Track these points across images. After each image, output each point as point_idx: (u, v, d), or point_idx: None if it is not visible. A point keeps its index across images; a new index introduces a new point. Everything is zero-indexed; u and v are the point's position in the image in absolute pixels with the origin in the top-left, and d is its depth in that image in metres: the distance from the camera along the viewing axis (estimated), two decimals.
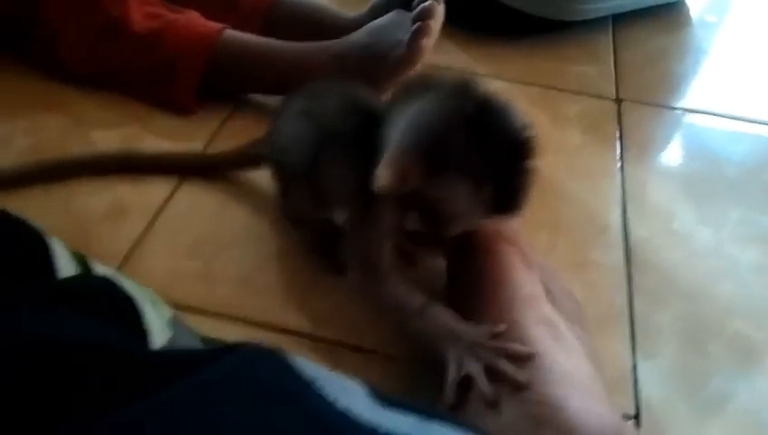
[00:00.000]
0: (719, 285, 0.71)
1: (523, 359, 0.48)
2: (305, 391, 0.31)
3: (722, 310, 0.68)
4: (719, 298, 0.69)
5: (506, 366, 0.48)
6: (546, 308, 0.55)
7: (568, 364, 0.50)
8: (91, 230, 0.69)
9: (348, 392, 0.32)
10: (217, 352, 0.33)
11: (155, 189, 0.75)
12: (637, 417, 0.58)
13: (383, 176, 0.50)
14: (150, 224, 0.70)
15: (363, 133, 0.56)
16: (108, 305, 0.43)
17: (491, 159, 0.50)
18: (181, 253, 0.67)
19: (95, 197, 0.73)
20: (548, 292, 0.57)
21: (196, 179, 0.76)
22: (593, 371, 0.52)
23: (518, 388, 0.47)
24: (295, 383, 0.31)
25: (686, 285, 0.71)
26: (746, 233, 0.77)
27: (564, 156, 0.86)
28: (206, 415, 0.28)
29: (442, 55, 1.00)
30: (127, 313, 0.43)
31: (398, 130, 0.52)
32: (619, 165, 0.86)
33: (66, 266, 0.46)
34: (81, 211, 0.71)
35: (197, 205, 0.74)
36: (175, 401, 0.29)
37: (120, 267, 0.65)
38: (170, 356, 0.38)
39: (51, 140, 0.80)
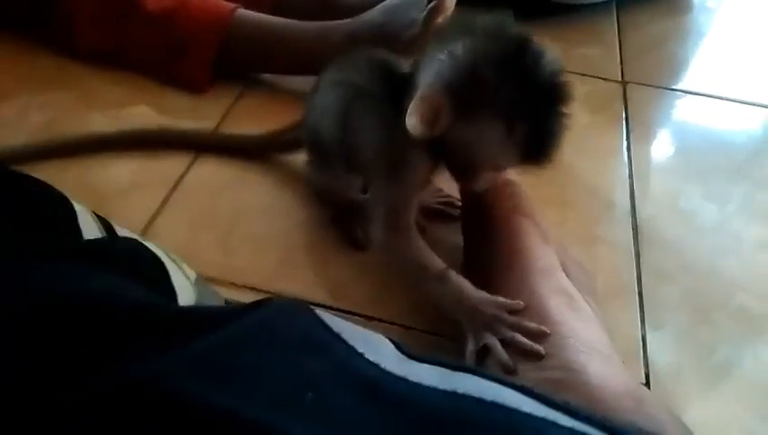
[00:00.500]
0: (724, 260, 0.73)
1: (538, 335, 0.50)
2: (335, 343, 0.32)
3: (727, 284, 0.70)
4: (724, 273, 0.71)
5: (522, 340, 0.49)
6: (563, 279, 0.57)
7: (585, 332, 0.51)
8: (109, 204, 0.70)
9: (375, 346, 0.32)
10: (247, 307, 0.34)
11: (171, 163, 0.76)
12: (647, 385, 0.60)
13: (413, 118, 0.49)
14: (167, 197, 0.72)
15: (392, 92, 0.55)
16: (136, 265, 0.44)
17: (525, 100, 0.49)
18: (199, 224, 0.69)
19: (112, 171, 0.74)
20: (562, 264, 0.59)
21: (210, 154, 0.78)
22: (608, 339, 0.54)
23: (536, 358, 0.49)
24: (324, 335, 0.32)
25: (691, 260, 0.73)
26: (750, 210, 0.79)
27: (572, 135, 0.86)
28: (238, 363, 0.28)
29: None
30: (154, 272, 0.44)
31: (430, 71, 0.51)
32: (625, 144, 0.87)
33: (91, 229, 0.48)
34: (98, 185, 0.72)
35: (213, 178, 0.75)
36: (207, 351, 0.29)
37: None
38: (200, 311, 0.39)
39: (65, 118, 0.81)
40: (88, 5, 0.83)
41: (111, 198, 0.71)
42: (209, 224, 0.69)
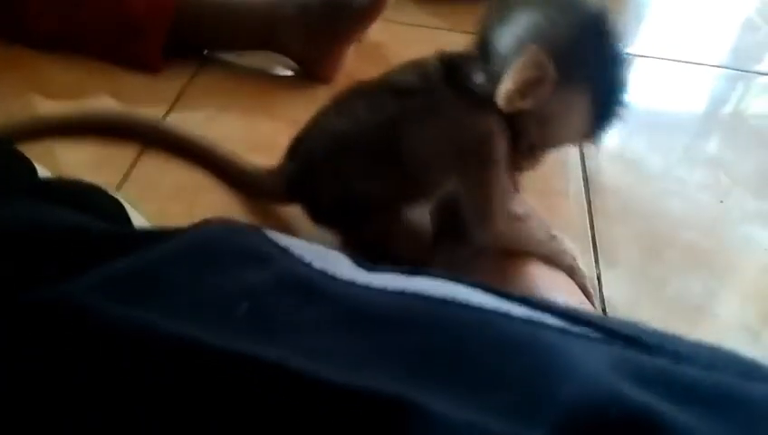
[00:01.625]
0: (670, 202, 0.77)
1: None
2: (279, 255, 0.30)
3: (674, 224, 0.74)
4: (671, 214, 0.75)
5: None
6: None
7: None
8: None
9: (326, 258, 0.31)
10: (190, 226, 0.33)
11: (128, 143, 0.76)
12: None
13: (511, 85, 0.47)
14: (127, 174, 0.72)
15: (446, 82, 0.51)
16: (97, 202, 0.44)
17: (608, 73, 0.49)
18: (164, 196, 0.69)
19: (73, 151, 0.74)
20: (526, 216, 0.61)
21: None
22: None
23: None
24: (269, 248, 0.31)
25: (640, 204, 0.76)
26: (692, 157, 0.83)
27: None
28: (163, 280, 0.27)
29: (401, 13, 1.04)
30: (114, 210, 0.45)
31: (525, 33, 0.49)
32: None
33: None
34: (60, 165, 0.72)
35: (171, 157, 0.75)
36: (131, 269, 0.28)
37: None
38: (136, 231, 0.38)
39: (15, 103, 0.80)
40: None
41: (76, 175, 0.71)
42: (174, 196, 0.69)
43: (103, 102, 0.81)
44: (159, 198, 0.69)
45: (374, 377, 0.21)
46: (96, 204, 0.42)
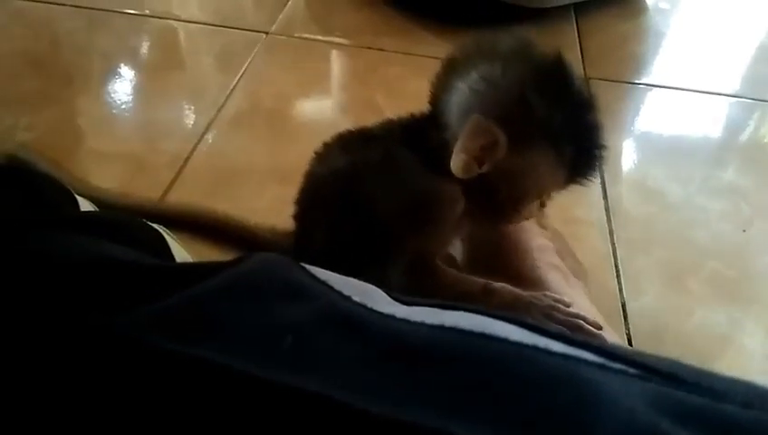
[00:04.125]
0: (692, 232, 0.77)
1: (593, 324, 0.49)
2: (319, 288, 0.31)
3: (697, 253, 0.74)
4: (694, 243, 0.76)
5: (588, 327, 0.49)
6: (556, 258, 0.60)
7: (582, 303, 0.54)
8: None
9: (363, 291, 0.32)
10: (230, 261, 0.33)
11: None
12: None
13: (461, 156, 0.45)
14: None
15: (404, 142, 0.51)
16: (137, 235, 0.45)
17: (568, 119, 0.46)
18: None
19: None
20: (558, 252, 0.62)
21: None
22: (597, 311, 0.57)
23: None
24: (308, 282, 0.31)
25: (663, 234, 0.77)
26: (712, 186, 0.84)
27: None
28: (211, 315, 0.28)
29: (418, 44, 1.06)
30: (154, 239, 0.46)
31: (466, 102, 0.47)
32: None
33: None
34: None
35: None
36: (181, 305, 0.28)
37: None
38: (181, 266, 0.38)
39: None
40: None
41: None
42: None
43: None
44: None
45: (418, 411, 0.22)
46: (139, 237, 0.43)
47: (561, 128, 0.46)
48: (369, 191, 0.51)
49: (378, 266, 0.49)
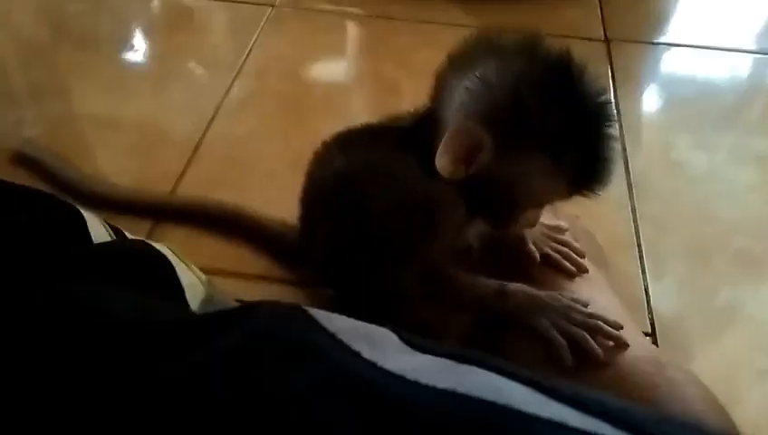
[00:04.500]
0: (718, 205, 0.74)
1: (612, 325, 0.47)
2: (328, 345, 0.30)
3: (723, 229, 0.72)
4: (720, 218, 0.73)
5: (608, 329, 0.47)
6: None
7: (600, 298, 0.52)
8: None
9: (374, 341, 0.30)
10: (234, 315, 0.32)
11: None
12: (652, 333, 0.62)
13: (445, 157, 0.43)
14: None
15: (402, 143, 0.48)
16: (144, 265, 0.44)
17: (572, 125, 0.42)
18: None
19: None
20: (573, 235, 0.60)
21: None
22: (619, 303, 0.55)
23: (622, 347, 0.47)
24: (317, 337, 0.30)
25: (687, 208, 0.74)
26: (740, 155, 0.81)
27: None
28: (218, 389, 0.27)
29: (433, 11, 1.02)
30: (161, 270, 0.45)
31: (458, 102, 0.45)
32: (613, 102, 0.88)
33: (100, 235, 0.48)
34: None
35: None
36: (205, 369, 0.28)
37: None
38: (184, 324, 0.36)
39: None
40: None
41: None
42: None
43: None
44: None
45: None
46: (145, 270, 0.42)
47: (559, 133, 0.42)
48: (367, 194, 0.49)
49: (386, 275, 0.48)
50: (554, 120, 0.42)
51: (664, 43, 1.01)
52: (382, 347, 0.30)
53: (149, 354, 0.28)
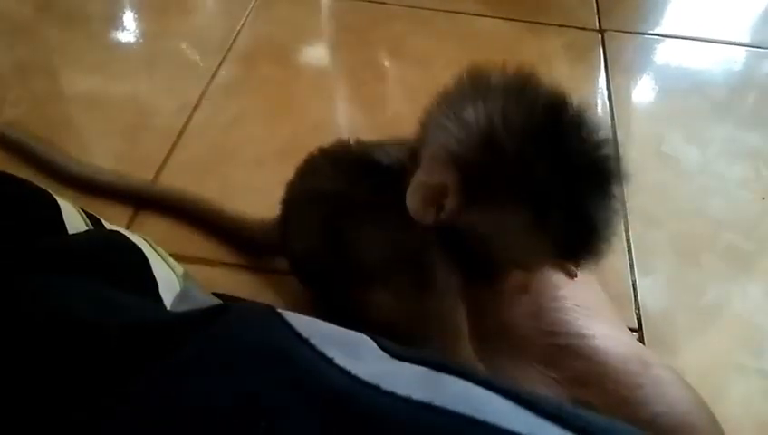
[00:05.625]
0: (709, 200, 0.74)
1: None
2: (300, 351, 0.29)
3: (713, 224, 0.71)
4: (710, 213, 0.72)
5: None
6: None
7: (585, 295, 0.51)
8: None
9: (349, 347, 0.30)
10: (205, 316, 0.31)
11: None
12: (639, 329, 0.61)
13: (413, 200, 0.40)
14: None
15: (385, 184, 0.44)
16: (117, 258, 0.43)
17: (560, 179, 0.36)
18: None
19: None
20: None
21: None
22: (606, 298, 0.54)
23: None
24: (289, 343, 0.29)
25: (677, 203, 0.74)
26: (732, 150, 0.80)
27: None
28: (188, 398, 0.26)
29: None
30: (136, 263, 0.44)
31: (433, 140, 0.41)
32: (606, 93, 0.87)
33: (76, 224, 0.47)
34: None
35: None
36: (157, 386, 0.27)
37: None
38: (151, 326, 0.34)
39: None
40: None
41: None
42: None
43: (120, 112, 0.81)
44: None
45: None
46: (120, 266, 0.41)
47: (542, 186, 0.37)
48: (352, 232, 0.46)
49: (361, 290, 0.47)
50: (537, 170, 0.37)
51: (658, 35, 1.00)
52: (357, 353, 0.29)
53: (108, 361, 0.27)
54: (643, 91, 0.91)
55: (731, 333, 0.62)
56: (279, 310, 0.31)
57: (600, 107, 0.85)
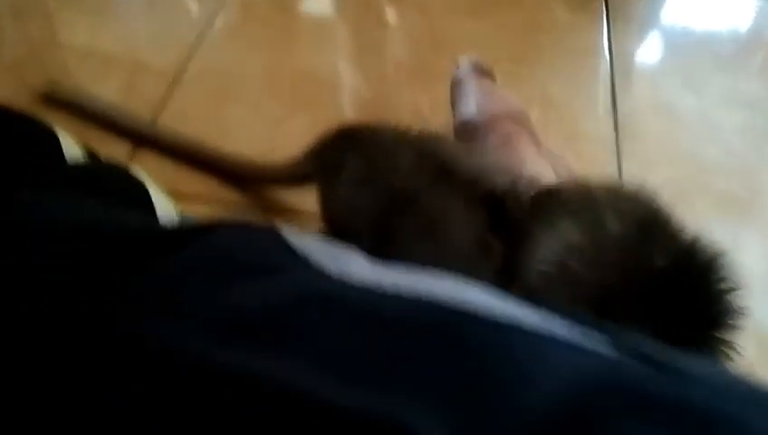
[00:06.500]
0: (704, 147, 0.74)
1: None
2: (295, 262, 0.30)
3: (707, 171, 0.71)
4: (704, 160, 0.73)
5: None
6: None
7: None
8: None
9: (341, 259, 0.31)
10: (207, 227, 0.32)
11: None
12: None
13: None
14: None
15: (443, 191, 0.43)
16: (117, 185, 0.44)
17: (674, 327, 0.34)
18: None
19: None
20: (553, 169, 0.60)
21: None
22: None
23: None
24: (285, 255, 0.31)
25: (672, 149, 0.74)
26: (730, 98, 0.80)
27: (554, 35, 0.87)
28: (189, 297, 0.28)
29: None
30: (134, 190, 0.45)
31: (542, 262, 0.38)
32: (606, 42, 0.87)
33: (74, 155, 0.48)
34: None
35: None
36: (161, 287, 0.28)
37: None
38: (155, 233, 0.36)
39: None
40: None
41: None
42: None
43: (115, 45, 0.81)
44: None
45: (371, 394, 0.21)
46: (122, 191, 0.42)
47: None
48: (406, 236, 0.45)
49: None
50: (650, 314, 0.35)
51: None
52: (348, 263, 0.30)
53: (111, 261, 0.28)
54: (644, 41, 0.90)
55: None
56: (277, 226, 0.32)
57: (600, 57, 0.85)
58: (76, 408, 0.23)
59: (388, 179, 0.46)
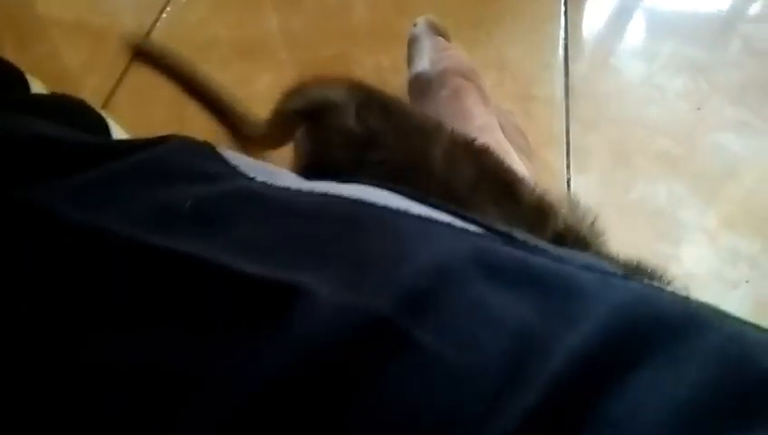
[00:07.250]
0: (647, 109, 0.78)
1: None
2: (226, 171, 0.33)
3: (648, 130, 0.76)
4: (647, 121, 0.77)
5: None
6: (500, 136, 0.62)
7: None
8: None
9: (271, 173, 0.34)
10: (149, 141, 0.35)
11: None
12: None
13: None
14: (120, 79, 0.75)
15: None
16: (79, 118, 0.47)
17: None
18: (155, 104, 0.72)
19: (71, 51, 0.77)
20: (501, 126, 0.64)
21: None
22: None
23: None
24: (219, 166, 0.34)
25: (617, 112, 0.78)
26: (676, 64, 0.84)
27: (512, 2, 0.91)
28: (120, 190, 0.30)
29: None
30: (96, 123, 0.48)
31: None
32: (563, 8, 0.90)
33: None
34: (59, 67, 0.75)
35: None
36: (93, 179, 0.31)
37: None
38: (118, 143, 0.39)
39: None
40: None
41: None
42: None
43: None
44: (152, 102, 0.72)
45: (280, 264, 0.25)
46: (80, 119, 0.44)
47: None
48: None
49: None
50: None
51: None
52: (278, 176, 0.34)
53: (51, 161, 0.31)
54: (597, 6, 0.94)
55: (652, 228, 0.68)
56: (214, 145, 0.36)
57: (555, 23, 0.88)
58: None
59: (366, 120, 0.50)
